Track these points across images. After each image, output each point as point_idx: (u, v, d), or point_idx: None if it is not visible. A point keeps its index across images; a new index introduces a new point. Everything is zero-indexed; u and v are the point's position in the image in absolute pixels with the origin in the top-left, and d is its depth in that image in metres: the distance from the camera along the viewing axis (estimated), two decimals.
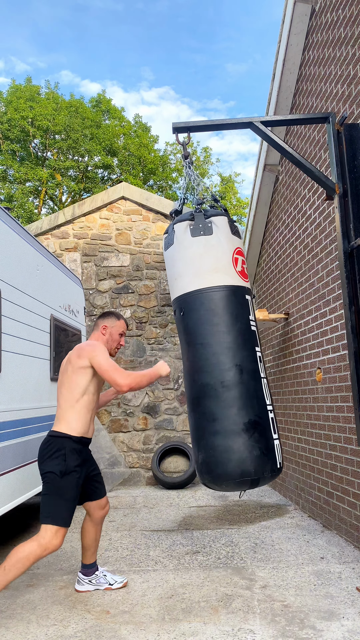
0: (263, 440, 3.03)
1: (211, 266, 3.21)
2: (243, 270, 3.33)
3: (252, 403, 3.07)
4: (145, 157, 21.19)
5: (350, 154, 3.37)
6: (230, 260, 3.25)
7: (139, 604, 3.01)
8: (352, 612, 2.78)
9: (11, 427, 3.78)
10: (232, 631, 2.62)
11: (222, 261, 3.22)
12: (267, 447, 3.03)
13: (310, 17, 4.68)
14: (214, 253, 3.23)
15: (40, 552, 2.73)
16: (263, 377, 3.20)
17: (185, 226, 3.32)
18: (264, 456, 3.01)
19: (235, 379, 3.08)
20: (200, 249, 3.24)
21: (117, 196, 7.69)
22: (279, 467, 3.10)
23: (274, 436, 3.14)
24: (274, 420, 3.18)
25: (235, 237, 3.35)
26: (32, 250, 4.54)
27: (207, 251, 3.24)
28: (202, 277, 3.21)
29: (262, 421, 3.07)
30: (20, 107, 19.37)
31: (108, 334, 3.19)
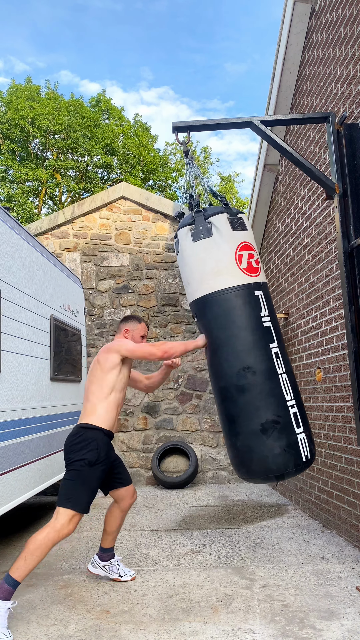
0: (283, 438, 3.06)
1: (213, 269, 3.20)
2: (250, 265, 3.25)
3: (268, 403, 3.09)
4: (145, 157, 21.19)
5: (350, 153, 3.37)
6: (233, 259, 3.20)
7: (139, 603, 3.01)
8: (352, 612, 2.78)
9: (11, 427, 3.78)
10: (232, 631, 2.62)
11: (223, 262, 3.19)
12: (288, 444, 3.07)
13: (310, 17, 4.68)
14: (215, 255, 3.21)
15: (55, 536, 2.81)
16: (281, 372, 3.17)
17: (187, 231, 3.32)
18: (285, 453, 3.06)
19: (248, 381, 3.12)
20: (201, 254, 3.24)
21: (117, 196, 7.69)
22: (304, 460, 3.12)
23: (298, 430, 3.12)
24: (297, 415, 3.17)
25: (238, 232, 3.25)
26: (32, 250, 4.54)
27: (208, 255, 3.22)
28: (206, 282, 3.22)
29: (281, 419, 3.09)
30: (20, 106, 19.37)
31: (130, 337, 3.36)
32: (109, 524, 3.36)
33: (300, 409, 3.23)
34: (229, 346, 3.17)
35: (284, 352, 3.27)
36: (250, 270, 3.25)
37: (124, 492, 3.31)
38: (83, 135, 19.89)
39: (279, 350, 3.22)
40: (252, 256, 3.27)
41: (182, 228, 3.36)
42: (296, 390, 3.25)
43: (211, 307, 3.22)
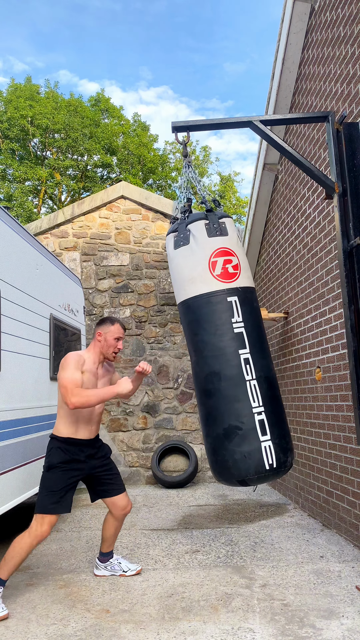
0: (244, 444, 3.09)
1: (188, 276, 3.30)
2: (226, 271, 3.26)
3: (232, 408, 3.14)
4: (145, 156, 21.18)
5: (350, 152, 3.37)
6: (207, 266, 3.24)
7: (139, 603, 3.02)
8: (352, 611, 2.78)
9: (11, 427, 3.78)
10: (232, 630, 2.62)
11: (197, 269, 3.26)
12: (249, 451, 3.09)
13: (310, 16, 4.68)
14: (190, 262, 3.29)
15: (31, 540, 3.01)
16: (250, 379, 3.18)
17: (171, 238, 3.43)
18: (245, 459, 3.09)
19: (214, 386, 3.21)
20: (180, 260, 3.35)
21: (117, 195, 7.69)
22: (267, 468, 3.10)
23: (262, 438, 3.11)
24: (264, 422, 3.15)
25: (214, 239, 3.27)
26: (32, 249, 4.54)
27: (185, 262, 3.32)
28: (183, 288, 3.34)
29: (244, 425, 3.11)
30: (20, 106, 19.35)
31: (103, 339, 3.34)
32: (104, 530, 3.50)
33: (271, 416, 3.18)
34: (200, 351, 3.29)
35: (259, 358, 3.23)
36: (225, 276, 3.25)
37: (110, 502, 3.40)
38: (83, 135, 19.87)
39: (251, 357, 3.21)
40: (228, 262, 3.27)
41: (168, 234, 3.47)
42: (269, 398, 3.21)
43: (186, 313, 3.35)
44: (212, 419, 3.24)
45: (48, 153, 20.97)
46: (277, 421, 3.22)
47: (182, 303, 3.38)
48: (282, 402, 3.37)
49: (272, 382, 3.29)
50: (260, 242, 6.75)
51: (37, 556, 3.97)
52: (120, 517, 3.43)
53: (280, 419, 3.25)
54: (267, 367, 3.29)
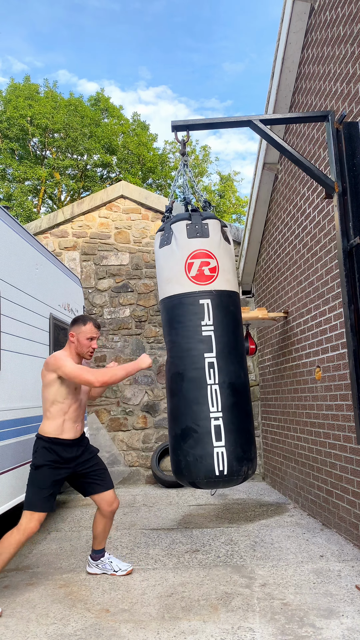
0: (197, 447, 3.08)
1: (166, 276, 3.33)
2: (201, 273, 3.23)
3: (189, 411, 3.15)
4: (144, 156, 21.16)
5: (350, 152, 3.37)
6: (183, 267, 3.23)
7: (139, 602, 3.02)
8: (352, 610, 2.79)
9: (11, 426, 3.78)
10: (232, 629, 2.62)
11: (174, 270, 3.27)
12: (202, 454, 3.07)
13: (310, 15, 4.68)
14: (169, 263, 3.31)
15: (20, 536, 3.05)
16: (212, 383, 3.14)
17: (158, 237, 3.44)
18: (196, 462, 3.08)
19: (177, 386, 3.24)
20: (162, 260, 3.38)
21: (116, 195, 7.69)
22: (217, 474, 3.06)
23: (216, 443, 3.07)
24: (220, 428, 3.10)
25: (194, 240, 3.24)
26: (31, 249, 4.54)
27: (165, 262, 3.36)
28: (162, 288, 3.38)
29: (199, 429, 3.10)
30: (19, 105, 19.33)
31: (75, 340, 3.33)
32: (94, 527, 3.53)
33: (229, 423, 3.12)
34: (170, 351, 3.34)
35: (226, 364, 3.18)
36: (200, 278, 3.23)
37: (98, 499, 3.42)
38: (82, 134, 19.86)
39: (216, 361, 3.16)
40: (206, 264, 3.24)
41: (157, 232, 3.49)
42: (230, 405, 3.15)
43: (162, 313, 3.40)
44: (173, 419, 3.25)
45: (47, 152, 20.96)
46: (236, 429, 3.14)
47: (160, 302, 3.43)
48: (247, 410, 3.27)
49: (238, 388, 3.20)
50: (260, 241, 6.75)
51: (37, 556, 3.97)
52: (108, 513, 3.44)
53: (241, 427, 3.16)
54: (234, 373, 3.20)
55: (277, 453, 6.12)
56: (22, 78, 26.02)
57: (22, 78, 26.02)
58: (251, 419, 3.31)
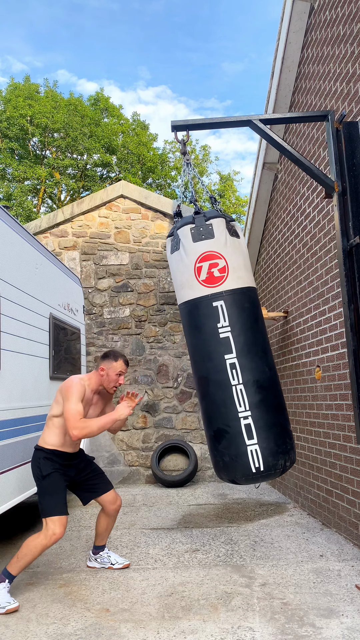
0: (232, 447, 3.16)
1: (179, 282, 3.37)
2: (211, 276, 3.24)
3: (219, 413, 3.20)
4: (144, 155, 21.16)
5: (349, 152, 3.37)
6: (193, 272, 3.25)
7: (139, 602, 3.02)
8: (352, 610, 2.79)
9: (11, 426, 3.78)
10: (232, 629, 2.63)
11: (185, 275, 3.30)
12: (236, 454, 3.15)
13: (309, 15, 4.68)
14: (180, 268, 3.35)
15: (46, 541, 3.11)
16: (236, 384, 3.18)
17: (169, 242, 3.48)
18: (232, 462, 3.16)
19: (204, 390, 3.29)
20: (174, 266, 3.43)
21: (116, 194, 7.69)
22: (254, 471, 3.14)
23: (249, 442, 3.14)
24: (251, 427, 3.17)
25: (200, 243, 3.25)
26: (31, 249, 4.54)
27: (177, 267, 3.39)
28: (178, 293, 3.43)
29: (230, 429, 3.15)
30: (19, 105, 19.32)
31: (105, 374, 3.42)
32: (97, 526, 3.67)
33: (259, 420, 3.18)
34: (192, 356, 3.38)
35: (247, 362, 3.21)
36: (210, 281, 3.24)
37: (101, 500, 3.55)
38: (82, 134, 19.85)
39: (237, 361, 3.20)
40: (214, 265, 3.24)
41: (168, 237, 3.52)
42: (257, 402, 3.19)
43: (181, 317, 3.46)
44: (206, 421, 3.33)
45: (47, 152, 20.95)
46: (266, 424, 3.18)
47: (179, 306, 3.49)
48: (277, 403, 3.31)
49: (264, 384, 3.23)
50: (260, 241, 6.75)
51: None
52: (112, 512, 3.58)
53: (272, 422, 3.20)
54: (258, 369, 3.22)
55: None
56: (22, 78, 26.03)
57: (22, 78, 26.03)
58: (283, 412, 3.34)
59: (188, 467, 6.72)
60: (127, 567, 3.62)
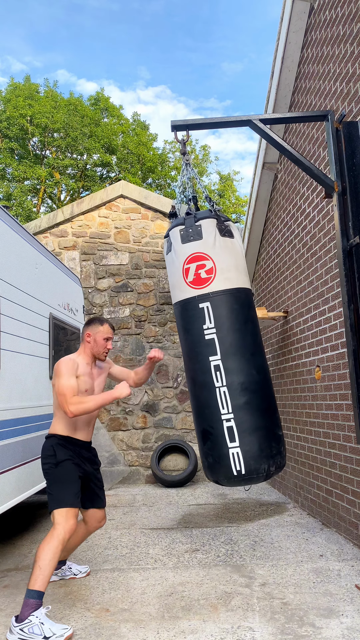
0: (216, 449, 3.17)
1: (172, 283, 3.41)
2: (198, 277, 3.22)
3: (204, 413, 3.21)
4: (144, 155, 21.16)
5: (349, 151, 3.37)
6: (181, 273, 3.26)
7: (139, 602, 3.02)
8: (351, 610, 2.79)
9: (10, 426, 3.78)
10: (232, 629, 2.62)
11: (175, 276, 3.33)
12: (219, 455, 3.14)
13: (309, 15, 4.68)
14: (172, 269, 3.38)
15: (61, 537, 2.84)
16: (220, 386, 3.15)
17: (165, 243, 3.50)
18: (216, 463, 3.18)
19: (191, 390, 3.34)
20: (168, 267, 3.46)
21: (116, 194, 7.69)
22: (235, 474, 3.12)
23: (230, 444, 3.12)
24: (233, 429, 3.13)
25: (188, 244, 3.24)
26: (31, 248, 4.53)
27: (170, 269, 3.43)
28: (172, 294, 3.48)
29: (213, 431, 3.16)
30: (19, 105, 19.32)
31: (92, 340, 3.27)
32: (71, 540, 3.31)
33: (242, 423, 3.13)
34: (183, 356, 3.41)
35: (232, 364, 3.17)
36: (197, 282, 3.22)
37: (92, 514, 3.32)
38: (82, 134, 19.85)
39: (222, 363, 3.17)
40: (201, 267, 3.22)
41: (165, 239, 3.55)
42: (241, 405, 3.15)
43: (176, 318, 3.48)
44: (195, 421, 3.37)
45: (47, 152, 20.95)
46: (250, 428, 3.14)
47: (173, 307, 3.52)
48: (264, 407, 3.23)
49: (250, 387, 3.17)
50: (260, 241, 6.75)
51: None
52: (93, 530, 3.38)
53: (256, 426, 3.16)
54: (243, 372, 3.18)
55: None
56: (22, 78, 26.04)
57: (22, 78, 26.04)
58: (271, 415, 3.26)
59: (188, 467, 6.72)
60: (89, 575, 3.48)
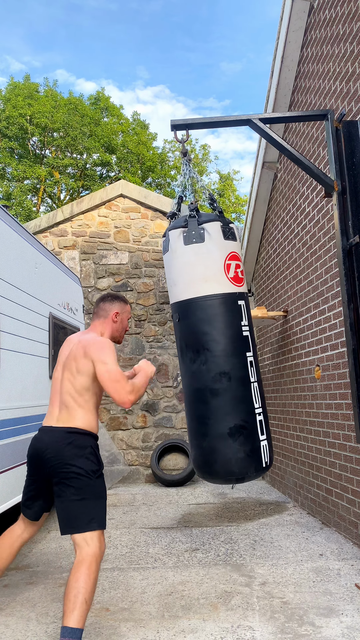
0: (248, 443, 3.22)
1: (202, 275, 3.30)
2: (237, 275, 3.34)
3: (239, 408, 3.25)
4: (144, 155, 21.15)
5: (349, 151, 3.37)
6: (222, 268, 3.28)
7: (139, 601, 3.02)
8: (351, 609, 2.79)
9: (10, 425, 3.79)
10: (232, 628, 2.63)
11: (212, 269, 3.29)
12: (252, 449, 3.22)
13: (309, 14, 4.67)
14: (204, 262, 3.31)
15: (98, 566, 2.38)
16: (253, 381, 3.31)
17: (179, 233, 3.41)
18: (248, 458, 3.22)
19: (222, 385, 3.27)
20: (192, 258, 3.33)
21: (116, 194, 7.68)
22: (264, 465, 3.28)
23: (261, 437, 3.28)
24: (262, 422, 3.32)
25: (229, 242, 3.33)
26: (31, 248, 4.53)
27: (198, 260, 3.32)
28: (194, 286, 3.33)
29: (248, 425, 3.23)
30: (19, 104, 19.31)
31: (119, 320, 2.81)
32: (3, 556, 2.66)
33: (265, 417, 3.37)
34: (209, 350, 3.29)
35: (257, 362, 3.42)
36: (236, 280, 3.33)
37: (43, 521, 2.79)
38: (82, 133, 19.84)
39: (253, 360, 3.36)
40: (238, 266, 3.37)
41: (174, 229, 3.43)
42: (263, 399, 3.40)
43: (195, 311, 3.32)
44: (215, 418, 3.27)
45: (47, 152, 20.94)
46: (268, 421, 3.41)
47: (189, 300, 3.31)
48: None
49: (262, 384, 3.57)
50: (260, 240, 6.74)
51: (36, 555, 3.97)
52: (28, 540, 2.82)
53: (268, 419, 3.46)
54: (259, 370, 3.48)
55: (276, 452, 6.12)
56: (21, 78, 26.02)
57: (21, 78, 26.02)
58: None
59: (188, 467, 6.72)
60: None
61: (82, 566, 2.33)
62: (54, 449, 2.51)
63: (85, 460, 2.49)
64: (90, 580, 2.30)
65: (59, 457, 2.49)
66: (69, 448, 2.50)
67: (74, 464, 2.47)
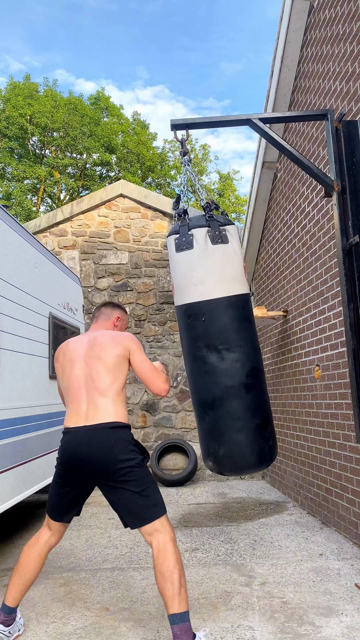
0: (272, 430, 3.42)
1: (231, 274, 3.35)
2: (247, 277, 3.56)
3: (264, 400, 3.39)
4: (144, 155, 21.15)
5: (349, 150, 3.37)
6: (242, 269, 3.42)
7: (139, 601, 3.02)
8: (351, 609, 2.79)
9: (10, 425, 3.78)
10: (232, 628, 2.63)
11: (238, 270, 3.39)
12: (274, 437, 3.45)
13: (309, 14, 4.67)
14: (232, 262, 3.36)
15: (177, 548, 2.42)
16: None
17: (205, 233, 3.38)
18: (275, 445, 3.43)
19: (254, 380, 3.34)
20: (222, 257, 3.36)
21: (116, 194, 7.68)
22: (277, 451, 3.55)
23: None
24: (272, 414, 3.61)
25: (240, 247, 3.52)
26: (31, 248, 4.53)
27: (227, 260, 3.36)
28: (225, 285, 3.35)
29: (270, 414, 3.44)
30: (19, 104, 19.31)
31: (119, 326, 2.91)
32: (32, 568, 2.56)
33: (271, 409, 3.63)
34: (242, 347, 3.32)
35: None
36: (247, 281, 3.53)
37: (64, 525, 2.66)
38: (82, 133, 19.84)
39: None
40: (245, 269, 3.53)
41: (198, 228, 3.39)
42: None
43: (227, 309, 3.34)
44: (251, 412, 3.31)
45: (47, 151, 20.94)
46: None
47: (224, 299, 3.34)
48: None
49: None
50: (260, 240, 6.75)
51: None
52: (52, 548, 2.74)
53: None
54: None
55: None
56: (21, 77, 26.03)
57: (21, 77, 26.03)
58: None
59: (188, 466, 6.72)
60: None
61: (167, 552, 2.38)
62: (101, 449, 2.44)
63: (133, 453, 2.48)
64: (178, 563, 2.37)
65: (110, 456, 2.44)
66: (116, 445, 2.45)
67: (126, 458, 2.45)
